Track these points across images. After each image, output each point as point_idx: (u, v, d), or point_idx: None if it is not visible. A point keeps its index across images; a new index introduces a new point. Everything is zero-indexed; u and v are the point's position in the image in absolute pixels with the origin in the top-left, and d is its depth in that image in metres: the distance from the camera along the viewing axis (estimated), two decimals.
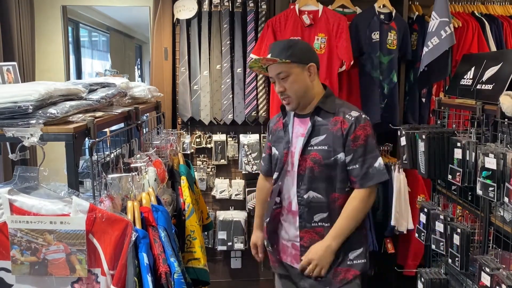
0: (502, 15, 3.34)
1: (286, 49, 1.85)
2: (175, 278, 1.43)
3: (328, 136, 1.87)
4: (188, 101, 3.23)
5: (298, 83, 1.87)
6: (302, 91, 1.89)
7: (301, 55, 1.87)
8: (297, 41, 1.95)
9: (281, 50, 1.85)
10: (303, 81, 1.88)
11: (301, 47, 1.90)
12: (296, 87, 1.88)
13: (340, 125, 1.86)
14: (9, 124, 1.34)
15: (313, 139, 1.88)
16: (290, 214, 1.96)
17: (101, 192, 1.53)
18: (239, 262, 3.45)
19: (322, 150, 1.87)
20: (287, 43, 1.90)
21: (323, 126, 1.88)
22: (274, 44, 1.94)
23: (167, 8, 3.17)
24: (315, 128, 1.89)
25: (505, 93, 1.97)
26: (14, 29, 2.88)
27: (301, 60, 1.86)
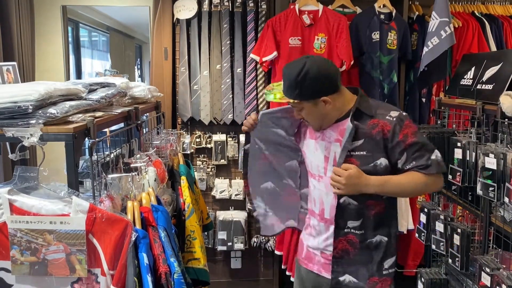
0: (502, 15, 3.35)
1: (294, 87, 1.67)
2: (175, 278, 1.43)
3: (367, 141, 1.69)
4: (188, 101, 3.23)
5: (314, 115, 1.74)
6: (320, 120, 1.75)
7: (311, 92, 1.67)
8: (307, 73, 1.64)
9: (289, 87, 1.69)
10: (319, 111, 1.72)
11: (309, 82, 1.65)
12: (312, 118, 1.76)
13: (381, 128, 1.68)
14: (9, 124, 1.34)
15: (353, 143, 1.71)
16: (322, 221, 1.84)
17: (101, 192, 1.53)
18: (239, 262, 3.45)
19: (360, 156, 1.70)
20: (294, 79, 1.65)
21: (361, 130, 1.70)
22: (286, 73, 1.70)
23: (167, 8, 3.16)
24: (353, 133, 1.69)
25: (505, 93, 1.97)
26: (14, 29, 2.88)
27: (311, 97, 1.68)
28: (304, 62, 1.64)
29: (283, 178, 2.05)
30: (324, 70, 1.67)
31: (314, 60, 1.67)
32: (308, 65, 1.64)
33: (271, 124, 1.97)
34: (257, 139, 2.01)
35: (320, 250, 1.86)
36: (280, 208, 2.07)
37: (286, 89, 1.70)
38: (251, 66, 3.18)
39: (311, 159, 1.86)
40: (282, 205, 2.07)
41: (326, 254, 1.84)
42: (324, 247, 1.84)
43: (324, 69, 1.67)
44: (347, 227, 1.76)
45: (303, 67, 1.63)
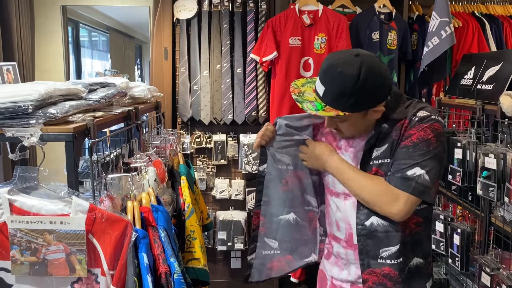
0: (502, 15, 3.35)
1: (347, 97, 1.31)
2: (175, 278, 1.43)
3: (390, 146, 1.42)
4: (188, 101, 3.23)
5: (357, 126, 1.43)
6: (361, 131, 1.46)
7: (368, 102, 1.35)
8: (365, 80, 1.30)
9: (340, 96, 1.32)
10: (365, 122, 1.42)
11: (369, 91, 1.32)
12: (354, 129, 1.45)
13: (405, 129, 1.40)
14: (9, 124, 1.34)
15: (375, 150, 1.44)
16: (351, 248, 1.52)
17: (101, 192, 1.53)
18: (239, 262, 3.45)
19: (384, 164, 1.42)
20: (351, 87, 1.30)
21: (386, 134, 1.43)
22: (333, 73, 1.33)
23: (167, 8, 3.17)
24: (377, 137, 1.43)
25: (505, 93, 1.97)
26: (14, 29, 2.88)
27: (366, 107, 1.36)
28: (359, 65, 1.30)
29: (305, 204, 1.67)
30: (381, 73, 1.36)
31: (369, 61, 1.32)
32: (366, 68, 1.30)
33: (295, 132, 1.61)
34: (278, 156, 1.62)
35: (350, 283, 1.55)
36: (300, 243, 1.68)
37: (334, 99, 1.33)
38: (251, 66, 3.18)
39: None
40: (303, 239, 1.68)
41: (359, 286, 1.53)
42: (357, 278, 1.53)
43: (381, 72, 1.36)
44: (381, 257, 1.45)
45: (359, 71, 1.29)
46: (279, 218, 1.65)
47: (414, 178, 1.36)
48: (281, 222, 1.64)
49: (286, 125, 1.60)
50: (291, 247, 1.67)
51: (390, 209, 1.38)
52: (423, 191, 1.36)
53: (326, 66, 1.35)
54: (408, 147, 1.38)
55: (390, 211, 1.39)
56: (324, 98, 1.35)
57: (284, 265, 1.69)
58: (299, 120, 1.60)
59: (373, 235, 1.45)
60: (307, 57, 3.08)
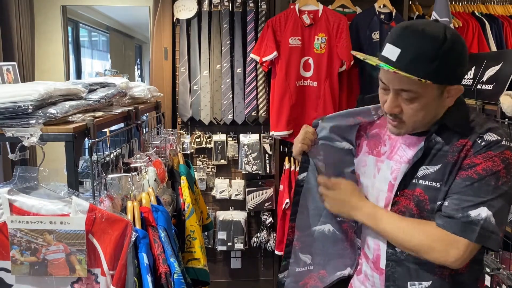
0: (503, 15, 3.35)
1: (433, 57, 1.10)
2: (175, 278, 1.43)
3: (444, 168, 1.18)
4: (188, 101, 3.23)
5: (427, 110, 1.18)
6: (427, 120, 1.21)
7: (453, 71, 1.14)
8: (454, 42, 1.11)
9: (424, 56, 1.10)
10: (436, 107, 1.19)
11: (458, 55, 1.13)
12: (421, 116, 1.18)
13: (465, 152, 1.17)
14: (9, 124, 1.34)
15: (422, 168, 1.21)
16: (376, 272, 1.36)
17: (101, 192, 1.53)
18: (239, 262, 3.45)
19: (430, 188, 1.19)
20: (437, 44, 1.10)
21: (440, 152, 1.20)
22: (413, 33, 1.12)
23: (167, 8, 3.16)
24: (428, 153, 1.21)
25: (505, 93, 1.97)
26: (14, 29, 2.88)
27: (449, 80, 1.15)
28: (444, 28, 1.11)
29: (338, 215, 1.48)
30: (465, 45, 1.15)
31: (451, 28, 1.14)
32: (452, 32, 1.11)
33: (335, 137, 1.43)
34: (318, 162, 1.43)
35: None
36: (335, 257, 1.51)
37: (412, 61, 1.10)
38: (251, 66, 3.17)
39: (368, 183, 1.36)
40: (338, 253, 1.50)
41: None
42: None
43: (465, 45, 1.16)
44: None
45: (445, 33, 1.10)
46: (314, 230, 1.47)
47: (479, 222, 1.12)
48: (315, 233, 1.47)
49: (330, 128, 1.41)
50: (324, 260, 1.49)
51: (446, 257, 1.15)
52: (488, 237, 1.12)
53: (401, 28, 1.15)
54: (472, 180, 1.14)
55: (446, 259, 1.16)
56: (399, 62, 1.12)
57: (317, 282, 1.51)
58: (344, 118, 1.40)
59: (403, 263, 1.26)
60: (307, 57, 3.08)
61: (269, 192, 3.31)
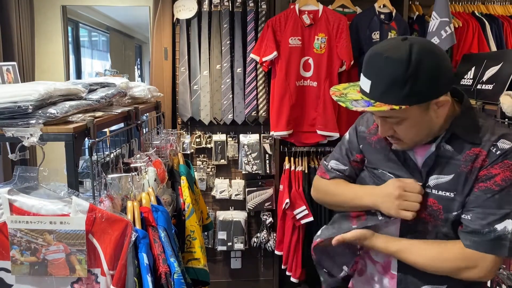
0: (503, 15, 3.35)
1: (400, 86, 1.06)
2: (175, 278, 1.43)
3: (457, 178, 1.16)
4: (188, 101, 3.23)
5: (418, 127, 1.16)
6: (424, 134, 1.19)
7: (430, 87, 1.09)
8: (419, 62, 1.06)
9: (391, 86, 1.07)
10: (427, 122, 1.16)
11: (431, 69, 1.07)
12: (415, 132, 1.17)
13: (482, 162, 1.14)
14: (9, 124, 1.34)
15: (433, 177, 1.19)
16: (386, 276, 1.33)
17: (101, 192, 1.53)
18: (239, 262, 3.45)
19: (443, 198, 1.18)
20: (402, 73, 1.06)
21: (453, 161, 1.17)
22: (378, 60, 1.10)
23: (167, 8, 3.16)
24: (438, 161, 1.19)
25: (505, 93, 1.97)
26: (14, 29, 2.88)
27: (428, 97, 1.10)
28: (409, 46, 1.07)
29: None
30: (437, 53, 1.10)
31: (419, 41, 1.09)
32: (417, 49, 1.06)
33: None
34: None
35: None
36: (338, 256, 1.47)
37: (384, 91, 1.08)
38: (251, 66, 3.17)
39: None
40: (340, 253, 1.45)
41: None
42: None
43: (437, 53, 1.10)
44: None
45: (409, 53, 1.06)
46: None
47: (507, 236, 1.11)
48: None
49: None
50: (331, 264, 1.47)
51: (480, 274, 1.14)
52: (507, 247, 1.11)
53: (368, 56, 1.13)
54: (493, 192, 1.12)
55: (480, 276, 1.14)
56: (372, 93, 1.10)
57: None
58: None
59: (415, 271, 1.23)
60: (307, 57, 3.08)
61: (269, 192, 3.31)
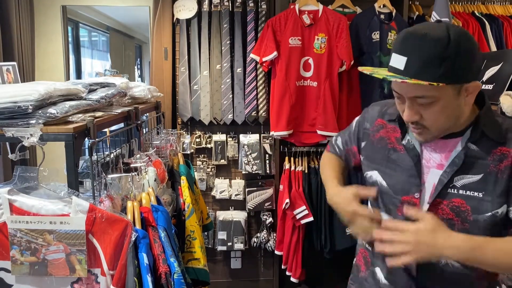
0: (503, 15, 3.35)
1: (441, 59, 1.06)
2: (175, 278, 1.43)
3: (486, 178, 1.15)
4: (188, 101, 3.23)
5: (447, 112, 1.13)
6: (450, 123, 1.17)
7: (465, 69, 1.09)
8: (460, 39, 1.07)
9: (431, 59, 1.06)
10: (456, 108, 1.14)
11: (467, 52, 1.08)
12: (443, 119, 1.14)
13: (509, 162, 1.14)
14: (9, 124, 1.34)
15: (459, 177, 1.17)
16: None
17: (101, 192, 1.53)
18: (239, 262, 3.45)
19: (472, 198, 1.15)
20: (442, 44, 1.05)
21: (480, 160, 1.16)
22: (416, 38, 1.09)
23: (167, 8, 3.16)
24: (466, 160, 1.17)
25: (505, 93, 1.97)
26: (14, 29, 2.88)
27: (463, 79, 1.10)
28: (446, 27, 1.07)
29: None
30: (473, 39, 1.11)
31: (454, 26, 1.10)
32: (454, 30, 1.07)
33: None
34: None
35: None
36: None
37: (421, 68, 1.07)
38: (251, 66, 3.17)
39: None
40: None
41: None
42: None
43: (472, 39, 1.11)
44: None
45: (448, 33, 1.06)
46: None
47: None
48: None
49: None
50: None
51: None
52: None
53: (404, 35, 1.11)
54: None
55: None
56: (407, 69, 1.08)
57: None
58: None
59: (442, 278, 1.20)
60: (307, 57, 3.08)
61: (269, 192, 3.31)
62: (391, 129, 1.31)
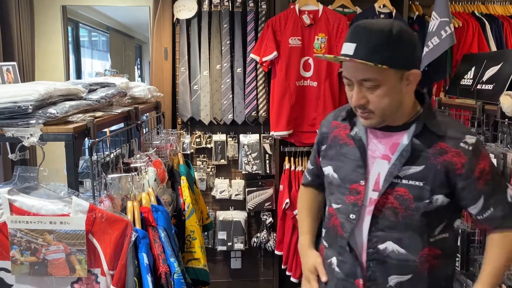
0: (503, 15, 3.34)
1: (385, 45, 1.20)
2: (175, 278, 1.43)
3: (427, 169, 1.27)
4: (188, 101, 3.23)
5: (390, 97, 1.25)
6: (393, 108, 1.27)
7: (406, 56, 1.24)
8: (401, 31, 1.22)
9: (376, 45, 1.20)
10: (398, 94, 1.26)
11: (407, 42, 1.23)
12: (387, 103, 1.25)
13: (452, 157, 1.26)
14: (9, 124, 1.34)
15: (405, 168, 1.28)
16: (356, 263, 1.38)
17: (101, 192, 1.53)
18: (239, 262, 3.45)
19: (414, 187, 1.27)
20: (386, 34, 1.20)
21: (423, 153, 1.28)
22: (364, 29, 1.23)
23: (167, 8, 3.16)
24: (402, 152, 1.29)
25: (505, 93, 1.97)
26: (14, 29, 2.88)
27: (404, 65, 1.24)
28: (391, 22, 1.24)
29: None
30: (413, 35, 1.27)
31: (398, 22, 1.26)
32: (397, 24, 1.23)
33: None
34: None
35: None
36: None
37: (369, 51, 1.20)
38: (251, 66, 3.17)
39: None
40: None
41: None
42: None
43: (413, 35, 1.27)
44: (389, 286, 1.32)
45: (391, 26, 1.21)
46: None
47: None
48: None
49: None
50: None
51: None
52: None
53: (354, 27, 1.26)
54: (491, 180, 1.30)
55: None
56: (356, 54, 1.21)
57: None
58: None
59: (385, 261, 1.32)
60: (307, 57, 3.08)
61: (269, 192, 3.31)
62: (343, 127, 1.43)
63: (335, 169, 1.41)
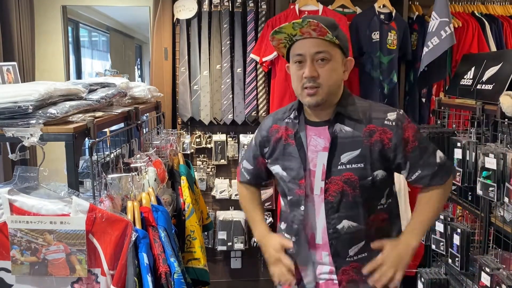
0: (502, 15, 3.34)
1: (335, 27, 1.42)
2: (175, 278, 1.43)
3: (363, 151, 1.45)
4: (188, 101, 3.23)
5: (336, 74, 1.44)
6: (336, 86, 1.46)
7: (346, 42, 1.49)
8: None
9: (329, 24, 1.39)
10: (340, 75, 1.47)
11: (343, 33, 1.48)
12: (334, 78, 1.44)
13: (380, 135, 1.45)
14: (9, 124, 1.34)
15: (345, 154, 1.45)
16: (312, 249, 1.55)
17: (101, 192, 1.53)
18: (239, 262, 3.45)
19: (357, 169, 1.45)
20: (333, 20, 1.45)
21: (355, 138, 1.45)
22: (316, 17, 1.42)
23: (167, 8, 3.17)
24: (338, 141, 1.46)
25: (505, 93, 1.97)
26: (14, 29, 2.88)
27: (345, 47, 1.48)
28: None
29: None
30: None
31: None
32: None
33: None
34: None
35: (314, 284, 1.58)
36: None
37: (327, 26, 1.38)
38: (251, 66, 3.18)
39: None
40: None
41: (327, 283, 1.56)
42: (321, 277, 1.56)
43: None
44: (349, 256, 1.52)
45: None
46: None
47: (446, 158, 1.52)
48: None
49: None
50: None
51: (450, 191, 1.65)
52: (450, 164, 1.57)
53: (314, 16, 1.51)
54: (418, 146, 1.47)
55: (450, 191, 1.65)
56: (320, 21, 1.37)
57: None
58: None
59: (344, 237, 1.50)
60: None
61: (269, 192, 3.31)
62: (284, 128, 1.57)
63: (283, 168, 1.56)
